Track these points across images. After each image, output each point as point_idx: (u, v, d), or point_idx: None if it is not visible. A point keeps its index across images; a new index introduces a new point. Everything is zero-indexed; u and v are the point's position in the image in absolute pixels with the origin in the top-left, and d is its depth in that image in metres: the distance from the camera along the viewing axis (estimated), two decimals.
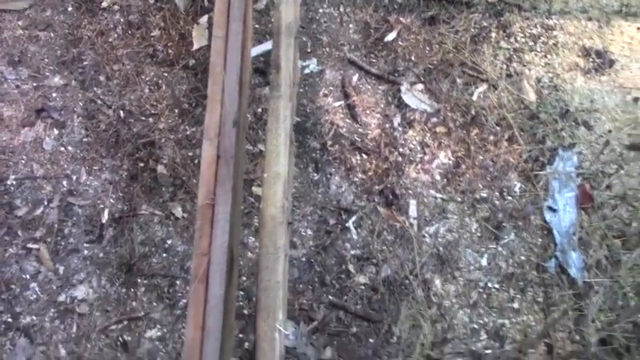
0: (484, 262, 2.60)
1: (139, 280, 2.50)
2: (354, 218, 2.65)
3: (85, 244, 2.52)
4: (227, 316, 1.26)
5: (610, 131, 2.85)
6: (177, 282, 2.50)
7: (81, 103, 2.77)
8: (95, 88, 2.81)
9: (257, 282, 1.19)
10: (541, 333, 2.47)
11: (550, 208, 2.69)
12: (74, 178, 2.64)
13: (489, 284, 2.57)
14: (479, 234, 2.65)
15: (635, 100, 2.92)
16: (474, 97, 2.91)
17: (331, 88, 2.91)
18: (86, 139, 2.71)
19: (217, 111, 1.52)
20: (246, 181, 2.59)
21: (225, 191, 1.35)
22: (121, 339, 2.40)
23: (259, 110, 2.81)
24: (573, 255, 2.58)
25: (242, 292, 2.44)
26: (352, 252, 2.59)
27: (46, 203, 2.58)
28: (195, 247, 1.40)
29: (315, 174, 2.72)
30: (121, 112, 2.77)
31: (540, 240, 2.65)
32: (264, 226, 1.23)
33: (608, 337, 2.44)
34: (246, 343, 2.38)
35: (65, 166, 2.65)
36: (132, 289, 2.48)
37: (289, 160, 1.44)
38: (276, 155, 1.33)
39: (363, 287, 2.53)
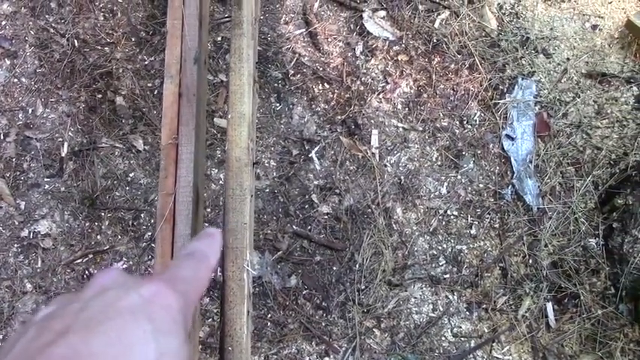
0: (444, 190, 2.67)
1: (103, 214, 2.49)
2: (317, 148, 2.66)
3: (45, 179, 2.49)
4: None
5: (568, 59, 2.88)
6: (142, 215, 2.51)
7: (32, 32, 2.67)
8: (47, 16, 2.69)
9: (224, 223, 1.20)
10: (497, 257, 2.58)
11: (508, 137, 2.74)
12: (30, 110, 2.57)
13: (449, 211, 2.64)
14: (439, 163, 2.70)
15: (594, 27, 2.94)
16: (436, 25, 2.89)
17: (292, 15, 2.85)
18: (40, 70, 2.62)
19: (177, 47, 1.48)
20: (207, 112, 2.57)
21: (189, 130, 1.35)
22: (87, 272, 2.42)
23: (219, 39, 2.75)
24: (529, 182, 2.66)
25: (206, 224, 2.46)
26: (315, 182, 2.62)
27: (2, 137, 2.52)
28: (160, 188, 1.39)
29: (278, 104, 2.71)
30: (75, 41, 2.67)
31: (498, 168, 2.71)
32: (229, 168, 1.24)
33: (560, 260, 2.57)
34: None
35: (20, 98, 2.58)
36: (96, 223, 2.48)
37: (253, 100, 1.43)
38: (240, 95, 1.31)
39: (326, 217, 2.58)
